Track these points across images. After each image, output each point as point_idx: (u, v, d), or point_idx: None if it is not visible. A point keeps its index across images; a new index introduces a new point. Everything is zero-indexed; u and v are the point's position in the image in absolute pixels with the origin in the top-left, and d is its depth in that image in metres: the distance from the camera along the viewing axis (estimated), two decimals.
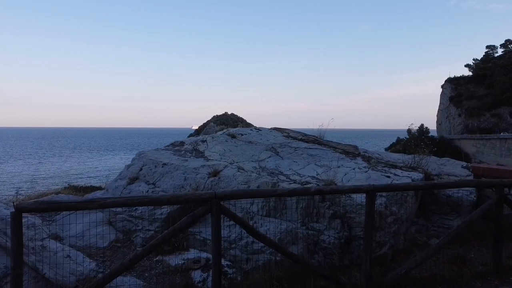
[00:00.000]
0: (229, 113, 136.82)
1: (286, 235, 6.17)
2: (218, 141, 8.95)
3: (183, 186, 7.37)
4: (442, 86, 64.90)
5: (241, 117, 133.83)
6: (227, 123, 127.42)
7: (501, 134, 49.92)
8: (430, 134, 60.56)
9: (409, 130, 63.84)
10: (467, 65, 65.28)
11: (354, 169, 7.65)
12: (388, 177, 7.29)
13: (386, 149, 68.93)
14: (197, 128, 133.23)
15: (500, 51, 64.11)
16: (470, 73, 64.31)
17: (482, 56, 65.18)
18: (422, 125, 61.32)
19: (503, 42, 63.94)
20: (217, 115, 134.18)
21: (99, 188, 10.05)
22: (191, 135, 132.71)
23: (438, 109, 66.71)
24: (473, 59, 65.28)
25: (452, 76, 63.78)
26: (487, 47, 65.03)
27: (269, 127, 10.39)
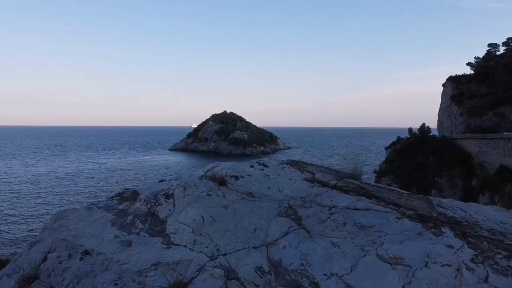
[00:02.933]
0: (228, 111, 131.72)
1: None
2: (194, 196, 4.85)
3: None
4: (443, 85, 60.90)
5: (240, 116, 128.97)
6: (226, 122, 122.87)
7: (505, 133, 46.33)
8: (431, 134, 56.82)
9: (409, 129, 60.14)
10: (468, 64, 61.17)
11: (457, 270, 3.63)
12: None
13: (387, 148, 64.99)
14: (196, 126, 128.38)
15: (502, 49, 60.05)
16: (472, 72, 60.31)
17: (484, 55, 61.10)
18: (423, 124, 57.48)
19: (505, 40, 59.86)
20: (216, 113, 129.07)
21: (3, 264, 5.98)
22: (190, 134, 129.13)
23: (439, 108, 62.79)
24: (475, 58, 61.17)
25: (453, 74, 59.76)
26: (489, 45, 60.90)
27: (280, 162, 6.27)
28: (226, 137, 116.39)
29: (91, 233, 4.28)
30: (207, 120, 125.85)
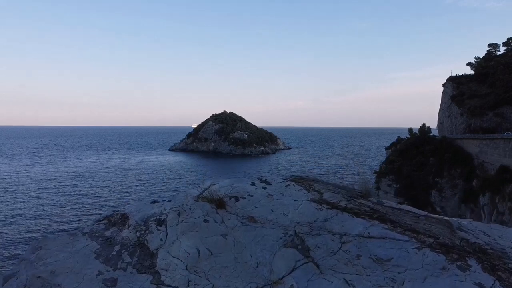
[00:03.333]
0: (228, 111, 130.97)
1: None
2: (189, 223, 4.32)
3: None
4: (444, 85, 60.37)
5: (239, 116, 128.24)
6: (226, 122, 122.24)
7: (505, 133, 45.89)
8: (431, 134, 56.31)
9: (410, 130, 59.63)
10: (469, 64, 60.62)
11: None
12: None
13: (387, 148, 64.47)
14: (196, 126, 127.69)
15: (502, 49, 59.53)
16: (472, 72, 59.78)
17: (484, 55, 60.58)
18: (423, 125, 56.95)
19: (505, 40, 59.35)
20: (216, 113, 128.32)
21: None
22: (190, 134, 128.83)
23: (440, 108, 62.27)
24: (475, 58, 60.61)
25: (453, 74, 59.22)
26: (489, 45, 60.38)
27: (284, 178, 5.73)
28: (226, 137, 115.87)
29: (71, 269, 3.75)
30: (207, 120, 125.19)
